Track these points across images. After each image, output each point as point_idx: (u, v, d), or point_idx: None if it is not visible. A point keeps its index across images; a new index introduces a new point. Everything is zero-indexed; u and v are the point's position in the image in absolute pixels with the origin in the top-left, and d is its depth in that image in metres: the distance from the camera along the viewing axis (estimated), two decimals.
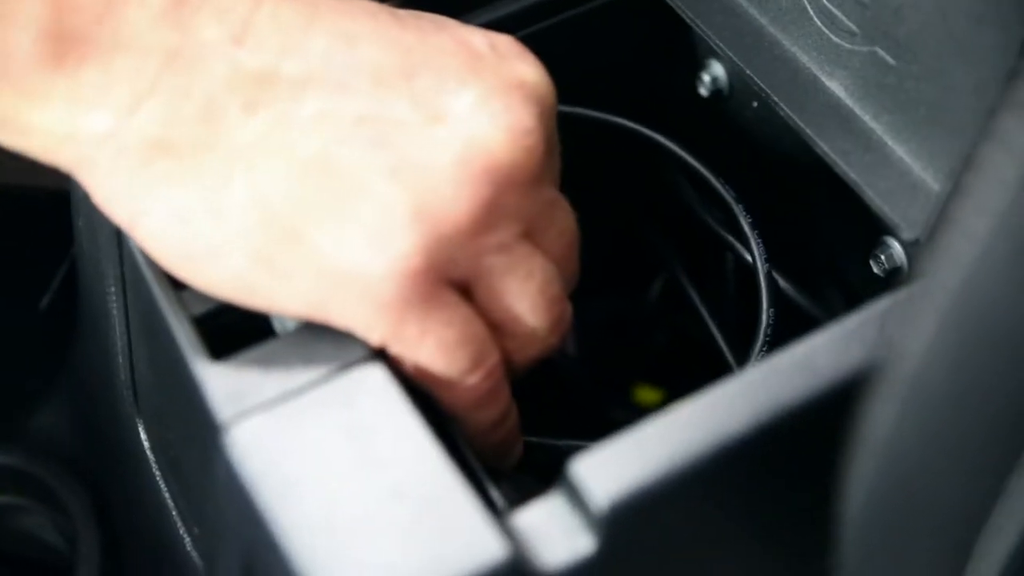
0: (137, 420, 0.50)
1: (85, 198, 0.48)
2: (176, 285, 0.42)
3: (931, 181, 0.45)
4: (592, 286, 0.66)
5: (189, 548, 0.49)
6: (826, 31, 0.48)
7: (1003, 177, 0.24)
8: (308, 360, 0.40)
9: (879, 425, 0.29)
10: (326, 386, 0.39)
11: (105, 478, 0.57)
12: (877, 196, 0.46)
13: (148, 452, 0.50)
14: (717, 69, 0.54)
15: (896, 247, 0.48)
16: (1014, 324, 0.24)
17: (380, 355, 0.40)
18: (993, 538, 0.27)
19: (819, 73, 0.49)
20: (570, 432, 0.51)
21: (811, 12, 0.48)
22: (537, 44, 0.54)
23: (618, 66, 0.57)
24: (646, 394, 0.67)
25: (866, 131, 0.47)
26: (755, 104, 0.53)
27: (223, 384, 0.39)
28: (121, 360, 0.49)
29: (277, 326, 0.42)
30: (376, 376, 0.40)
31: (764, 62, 0.50)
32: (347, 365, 0.40)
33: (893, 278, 0.49)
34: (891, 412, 0.28)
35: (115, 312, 0.48)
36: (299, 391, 0.39)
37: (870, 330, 0.40)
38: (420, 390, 0.43)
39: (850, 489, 0.32)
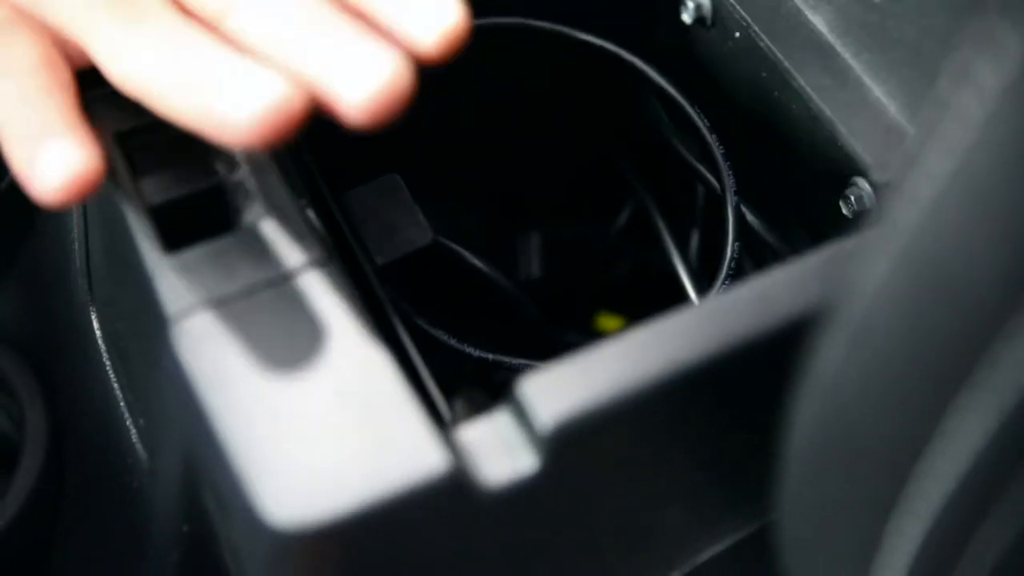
0: (91, 309, 0.50)
1: None
2: (135, 174, 0.41)
3: (906, 123, 0.45)
4: (560, 209, 0.66)
5: (134, 440, 0.48)
6: None
7: (968, 117, 0.23)
8: (262, 259, 0.40)
9: (827, 362, 0.29)
10: (278, 286, 0.39)
11: (56, 366, 0.57)
12: (851, 135, 0.45)
13: (100, 342, 0.49)
14: None
15: (867, 188, 0.47)
16: (964, 269, 0.24)
17: (334, 257, 0.40)
18: (928, 477, 0.27)
19: (803, 6, 0.48)
20: (528, 355, 0.50)
21: None
22: None
23: None
24: (607, 321, 0.67)
25: (845, 68, 0.47)
26: (737, 34, 0.52)
27: (174, 277, 0.39)
28: (77, 248, 0.49)
29: (234, 221, 0.41)
30: (328, 279, 0.39)
31: None
32: (300, 266, 0.39)
33: (861, 220, 0.48)
34: (839, 350, 0.28)
35: None
36: (250, 290, 0.39)
37: (831, 269, 0.40)
38: (376, 297, 0.43)
39: (795, 424, 0.32)
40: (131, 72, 0.39)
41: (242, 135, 0.37)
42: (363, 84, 0.37)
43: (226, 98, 0.37)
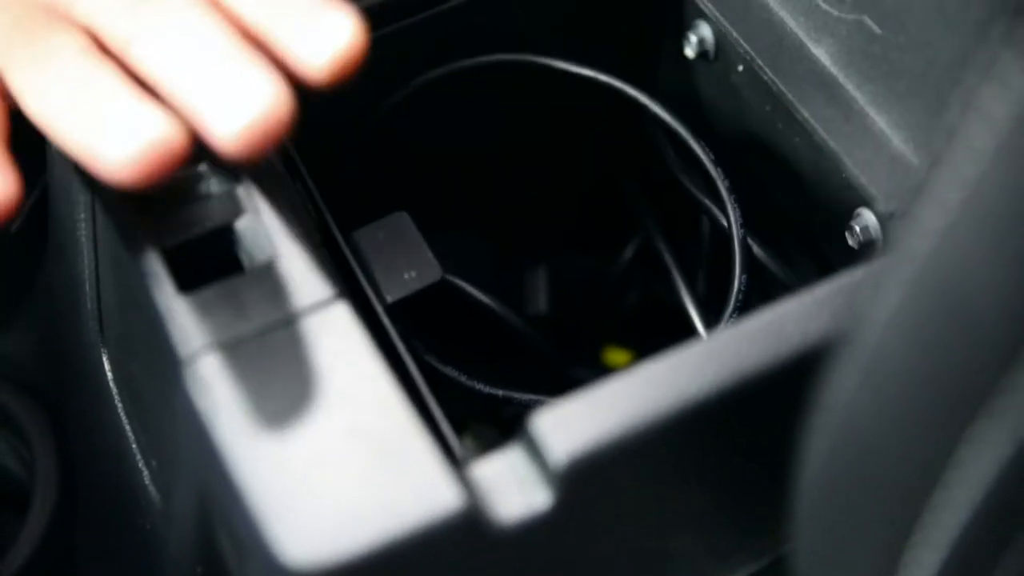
0: (101, 350, 0.50)
1: None
2: (148, 216, 0.42)
3: (910, 154, 0.45)
4: (567, 244, 0.66)
5: (147, 481, 0.48)
6: None
7: (978, 147, 0.23)
8: (274, 298, 0.40)
9: (839, 392, 0.29)
10: (290, 325, 0.39)
11: (66, 406, 0.57)
12: (855, 166, 0.46)
13: (111, 383, 0.50)
14: (704, 30, 0.54)
15: (871, 219, 0.47)
16: (977, 297, 0.24)
17: (344, 296, 0.40)
18: (944, 507, 0.27)
19: (805, 39, 0.49)
20: (537, 390, 0.51)
21: None
22: (527, 1, 0.54)
23: (607, 24, 0.57)
24: (615, 355, 0.67)
25: (848, 100, 0.47)
26: (740, 68, 0.52)
27: (188, 317, 0.39)
28: (88, 289, 0.49)
29: (245, 261, 0.42)
30: (340, 317, 0.39)
31: (751, 25, 0.50)
32: (312, 305, 0.40)
33: (867, 251, 0.49)
34: (851, 380, 0.28)
35: (84, 240, 0.48)
36: (263, 329, 0.39)
37: (839, 300, 0.40)
38: (386, 335, 0.43)
39: (808, 454, 0.32)
40: (38, 110, 0.40)
41: (120, 174, 0.38)
42: (234, 117, 0.38)
43: (107, 137, 0.38)
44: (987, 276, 0.24)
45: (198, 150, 0.41)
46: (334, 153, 0.54)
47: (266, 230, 0.41)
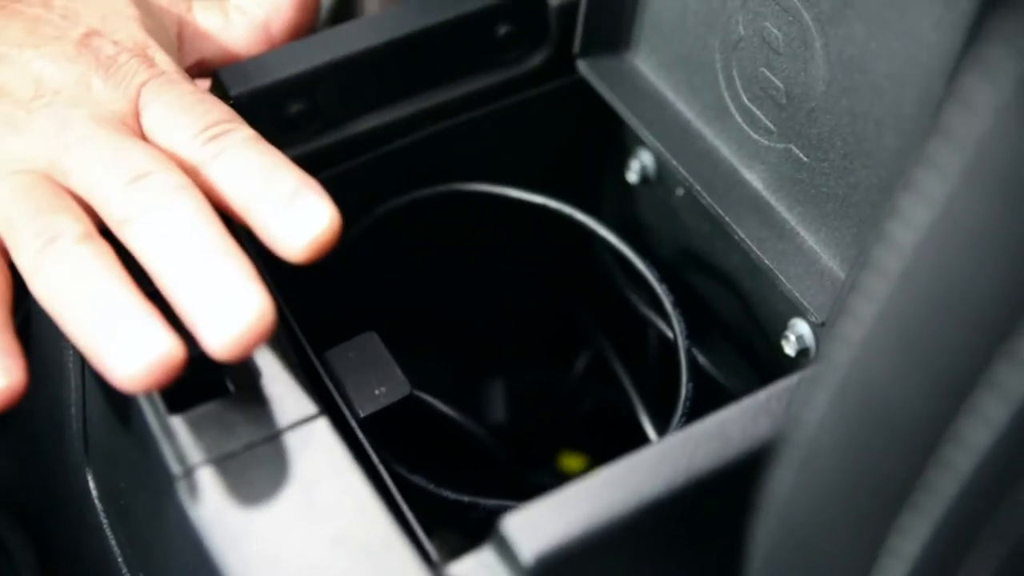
0: (86, 469, 0.52)
1: None
2: None
3: (837, 269, 0.49)
4: (522, 356, 0.70)
5: None
6: (746, 128, 0.52)
7: (885, 270, 0.27)
8: (258, 416, 0.43)
9: (778, 489, 0.32)
10: (275, 441, 0.42)
11: (49, 525, 0.59)
12: (789, 281, 0.50)
13: (96, 500, 0.52)
14: (645, 157, 0.58)
15: (805, 329, 0.51)
16: (893, 399, 0.28)
17: (324, 414, 0.43)
18: None
19: (739, 166, 0.53)
20: (496, 494, 0.54)
21: (733, 110, 0.52)
22: (477, 129, 0.58)
23: (553, 151, 0.61)
24: (570, 460, 0.70)
25: (780, 221, 0.51)
26: (680, 192, 0.56)
27: (180, 436, 0.42)
28: (74, 411, 0.52)
29: (230, 382, 0.45)
30: (321, 433, 0.43)
31: (689, 153, 0.54)
32: (294, 422, 0.43)
33: (803, 358, 0.52)
34: (789, 477, 0.32)
35: (71, 364, 0.51)
36: (250, 445, 0.42)
37: (778, 405, 0.44)
38: (361, 447, 0.46)
39: (753, 548, 0.36)
40: (43, 292, 0.43)
41: (125, 384, 0.41)
42: (225, 330, 0.41)
43: (114, 350, 0.41)
44: (901, 381, 0.28)
45: None
46: (304, 278, 0.57)
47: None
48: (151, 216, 0.43)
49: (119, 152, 0.45)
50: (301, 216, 0.43)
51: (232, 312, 0.41)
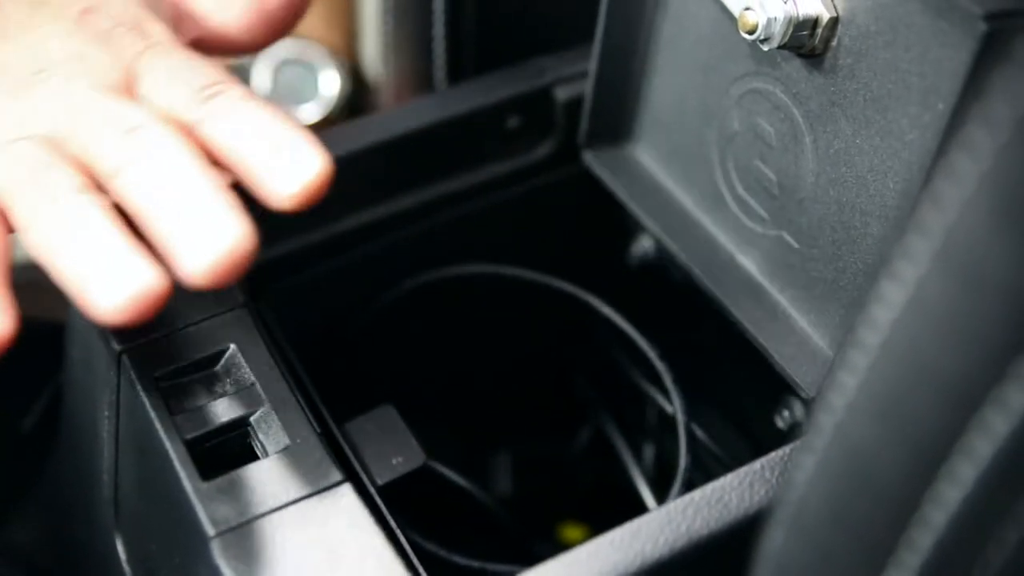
0: (116, 534, 0.55)
1: (82, 330, 0.54)
2: (171, 412, 0.48)
3: (827, 348, 0.52)
4: (527, 429, 0.73)
5: None
6: (741, 216, 0.55)
7: (866, 345, 0.31)
8: (286, 482, 0.46)
9: (771, 546, 0.35)
10: (302, 505, 0.45)
11: None
12: (782, 360, 0.53)
13: (124, 564, 0.55)
14: (646, 242, 0.62)
15: (797, 405, 0.55)
16: (874, 462, 0.31)
17: (347, 480, 0.46)
18: None
19: (734, 251, 0.56)
20: (503, 559, 0.56)
21: (728, 199, 0.55)
22: (488, 215, 0.62)
23: (560, 236, 0.65)
24: (571, 531, 0.73)
25: (774, 303, 0.54)
26: (679, 275, 0.60)
27: (212, 501, 0.45)
28: (106, 478, 0.55)
29: (259, 449, 0.48)
30: (346, 498, 0.46)
31: (687, 240, 0.57)
32: (321, 488, 0.46)
33: (794, 432, 0.56)
34: (780, 535, 0.35)
35: (105, 435, 0.54)
36: (279, 509, 0.45)
37: (772, 473, 0.47)
38: (380, 513, 0.49)
39: None
40: (38, 245, 0.45)
41: (107, 317, 0.43)
42: (202, 254, 0.43)
43: (99, 284, 0.43)
44: (881, 445, 0.31)
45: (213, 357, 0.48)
46: (326, 354, 0.60)
47: (277, 423, 0.48)
48: (141, 164, 0.45)
49: (114, 111, 0.47)
50: (293, 164, 0.45)
51: (211, 237, 0.42)
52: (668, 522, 0.46)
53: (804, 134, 0.50)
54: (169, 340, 0.50)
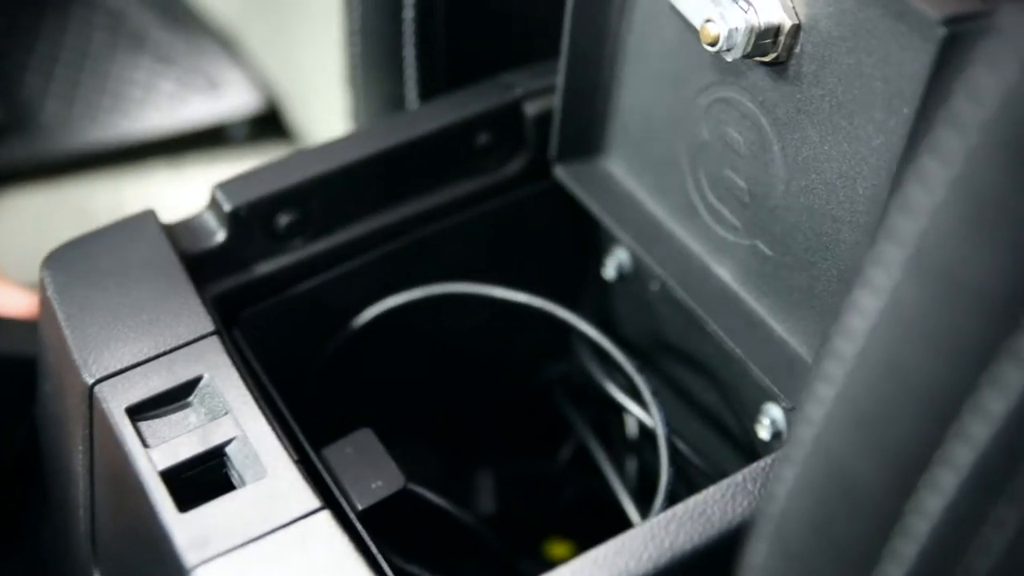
0: (94, 568, 0.55)
1: (53, 363, 0.54)
2: (145, 445, 0.47)
3: (805, 355, 0.52)
4: (509, 447, 0.72)
5: None
6: (714, 226, 0.55)
7: (842, 355, 0.31)
8: (264, 511, 0.45)
9: (754, 559, 0.35)
10: (281, 534, 0.45)
11: None
12: (760, 369, 0.52)
13: None
14: (621, 255, 0.61)
15: (778, 414, 0.54)
16: (854, 473, 0.31)
17: (326, 507, 0.46)
18: None
19: (709, 261, 0.56)
20: None
21: (701, 209, 0.55)
22: (461, 232, 0.62)
23: (534, 251, 0.64)
24: (557, 548, 0.72)
25: (749, 312, 0.54)
26: (655, 286, 0.60)
27: (189, 532, 0.45)
28: (82, 513, 0.54)
29: (235, 479, 0.47)
30: (325, 525, 0.45)
31: (662, 251, 0.57)
32: (299, 516, 0.45)
33: (776, 441, 0.55)
34: (763, 548, 0.34)
35: (80, 469, 0.53)
36: (257, 539, 0.45)
37: (754, 485, 0.47)
38: (360, 538, 0.49)
39: None
40: None
41: None
42: None
43: None
44: (860, 456, 0.31)
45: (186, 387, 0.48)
46: (302, 377, 0.60)
47: (254, 452, 0.47)
48: None
49: None
50: None
51: None
52: (651, 538, 0.45)
53: (772, 142, 0.49)
54: (141, 371, 0.50)
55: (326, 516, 0.46)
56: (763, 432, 0.55)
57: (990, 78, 0.27)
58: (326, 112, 0.84)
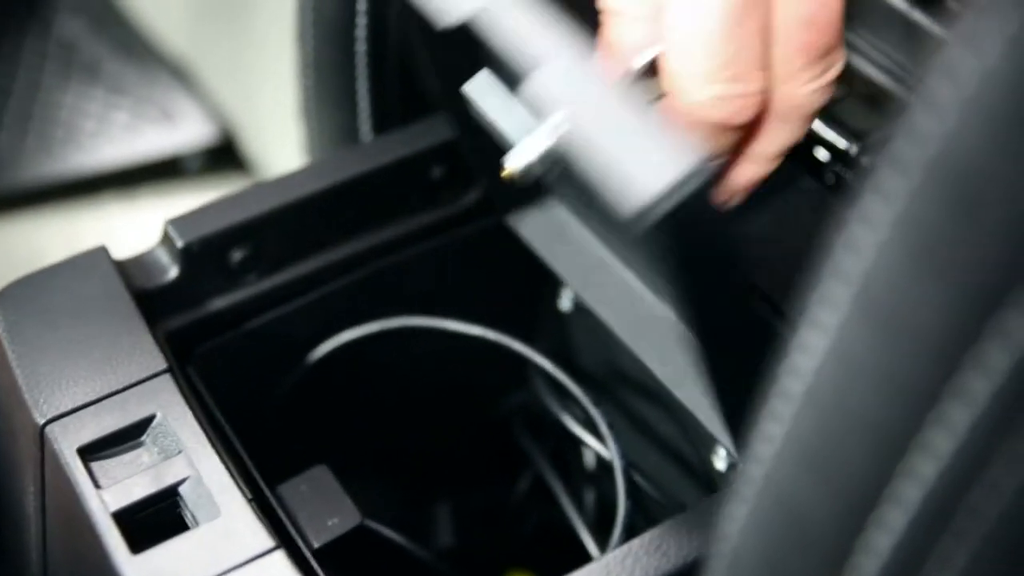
0: None
1: (3, 403, 0.53)
2: (96, 485, 0.47)
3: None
4: (467, 480, 0.72)
5: None
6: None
7: (789, 393, 0.31)
8: (218, 552, 0.45)
9: None
10: (234, 574, 0.44)
11: None
12: (704, 420, 0.52)
13: None
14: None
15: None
16: (803, 511, 0.31)
17: (281, 547, 0.46)
18: None
19: (653, 301, 0.55)
20: None
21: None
22: (415, 266, 0.62)
23: (488, 284, 0.64)
24: None
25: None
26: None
27: (142, 574, 0.44)
28: (35, 555, 0.53)
29: (189, 519, 0.47)
30: (279, 565, 0.45)
31: (606, 292, 0.56)
32: (254, 556, 0.45)
33: (732, 472, 0.55)
34: None
35: (32, 511, 0.52)
36: None
37: (710, 519, 0.47)
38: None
39: None
40: None
41: None
42: None
43: None
44: (809, 494, 0.31)
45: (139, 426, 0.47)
46: (258, 413, 0.59)
47: (207, 491, 0.47)
48: None
49: None
50: None
51: None
52: (607, 573, 0.45)
53: None
54: (93, 410, 0.50)
55: (280, 556, 0.45)
56: (719, 463, 0.55)
57: (930, 120, 0.27)
58: (281, 143, 0.84)
